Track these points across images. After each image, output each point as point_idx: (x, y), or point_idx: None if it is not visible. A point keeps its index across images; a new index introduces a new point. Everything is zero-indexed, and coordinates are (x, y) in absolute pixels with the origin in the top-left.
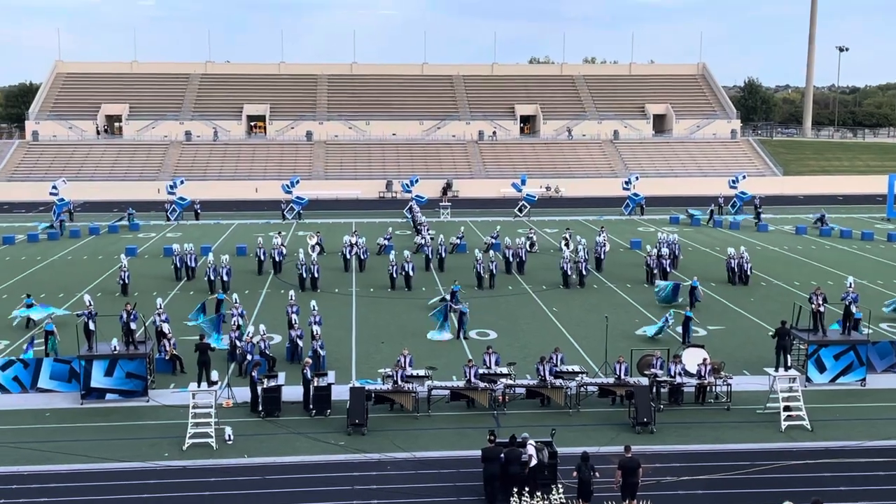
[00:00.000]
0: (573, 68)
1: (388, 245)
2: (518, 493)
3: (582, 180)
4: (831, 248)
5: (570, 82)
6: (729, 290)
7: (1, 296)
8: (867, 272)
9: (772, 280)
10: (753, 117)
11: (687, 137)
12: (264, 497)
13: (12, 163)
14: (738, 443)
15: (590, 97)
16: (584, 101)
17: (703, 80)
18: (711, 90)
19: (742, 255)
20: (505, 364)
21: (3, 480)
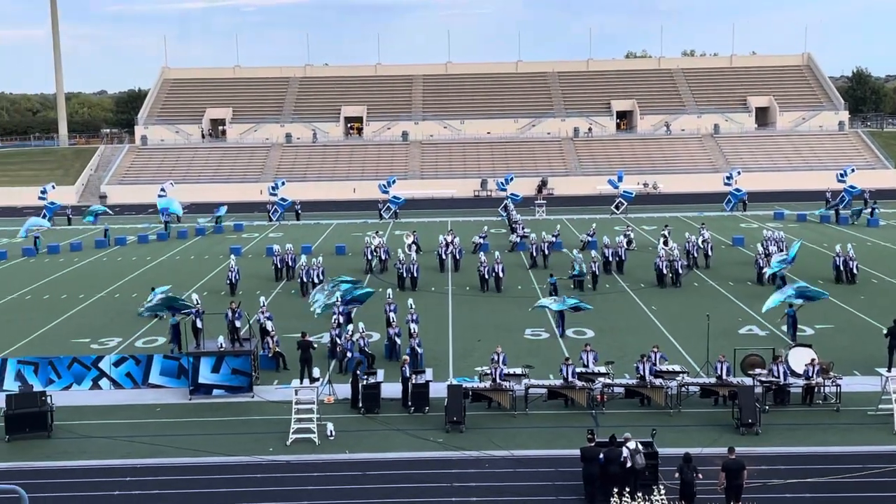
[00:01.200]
0: (671, 62)
1: (484, 244)
2: (618, 494)
3: (681, 176)
4: None
5: (668, 76)
6: (837, 289)
7: (114, 295)
8: None
9: (884, 277)
10: (862, 108)
11: (792, 130)
12: (365, 492)
13: (123, 166)
14: (847, 445)
15: (689, 91)
16: (682, 95)
17: (808, 71)
18: (817, 81)
19: (848, 253)
20: (603, 363)
21: (117, 473)
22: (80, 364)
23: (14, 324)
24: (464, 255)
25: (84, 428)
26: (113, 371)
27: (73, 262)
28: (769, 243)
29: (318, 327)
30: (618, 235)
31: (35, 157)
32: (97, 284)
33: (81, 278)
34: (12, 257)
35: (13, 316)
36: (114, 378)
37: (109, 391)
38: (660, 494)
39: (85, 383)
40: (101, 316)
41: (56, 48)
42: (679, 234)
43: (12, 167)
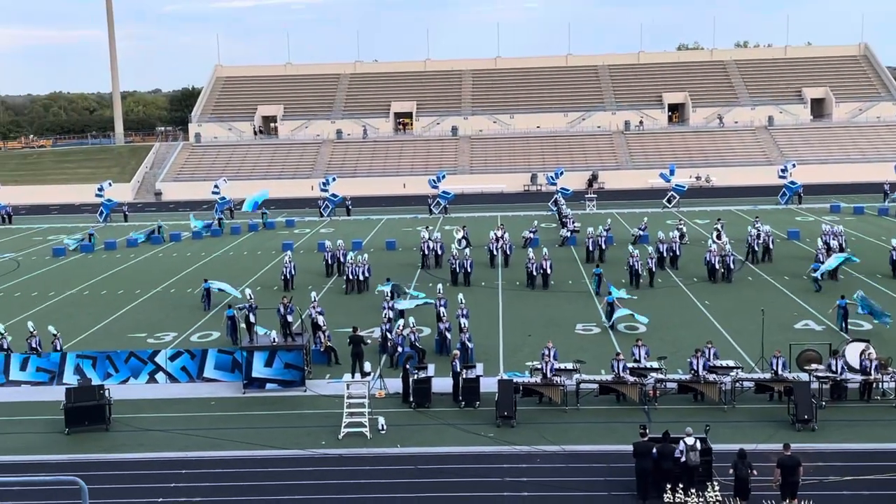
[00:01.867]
0: (724, 53)
1: (534, 238)
2: (672, 490)
3: (734, 169)
4: None
5: (720, 68)
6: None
7: (169, 290)
8: None
9: None
10: None
11: (848, 122)
12: (416, 486)
13: (177, 164)
14: None
15: (742, 83)
16: (735, 87)
17: (865, 61)
18: (875, 71)
19: None
20: (654, 358)
21: (173, 465)
22: (137, 358)
23: (73, 319)
24: (514, 251)
25: (141, 421)
26: (169, 365)
27: (129, 258)
28: (828, 238)
29: (369, 322)
30: (671, 230)
31: (92, 155)
32: (153, 280)
33: (137, 274)
34: (71, 252)
35: (72, 311)
36: (169, 372)
37: (165, 385)
38: (714, 491)
39: (141, 377)
40: (157, 311)
41: (112, 48)
42: (733, 227)
43: (70, 165)
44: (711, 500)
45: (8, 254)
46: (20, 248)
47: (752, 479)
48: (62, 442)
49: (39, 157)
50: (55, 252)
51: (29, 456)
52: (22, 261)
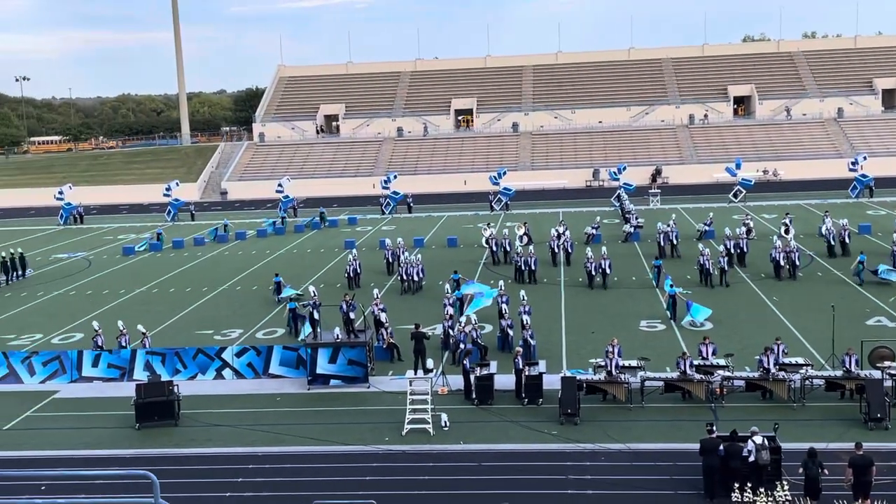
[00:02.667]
0: (791, 44)
1: (596, 234)
2: (740, 489)
3: (802, 162)
4: None
5: (787, 59)
6: None
7: (235, 288)
8: None
9: None
10: None
11: None
12: (480, 483)
13: (242, 163)
14: None
15: (810, 74)
16: (803, 79)
17: None
18: None
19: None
20: (722, 355)
21: (240, 460)
22: (205, 355)
23: (142, 316)
24: (575, 249)
25: (208, 416)
26: (235, 361)
27: (196, 256)
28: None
29: (431, 319)
30: (738, 226)
31: (159, 156)
32: (219, 278)
33: (204, 272)
34: (140, 251)
35: (141, 309)
36: (236, 368)
37: (232, 381)
38: (783, 490)
39: (209, 373)
40: (224, 308)
41: (178, 50)
42: (801, 222)
43: (138, 166)
44: (781, 500)
45: (80, 253)
46: (91, 247)
47: (822, 478)
48: (133, 437)
49: (109, 158)
50: (125, 251)
51: (101, 450)
52: (93, 259)
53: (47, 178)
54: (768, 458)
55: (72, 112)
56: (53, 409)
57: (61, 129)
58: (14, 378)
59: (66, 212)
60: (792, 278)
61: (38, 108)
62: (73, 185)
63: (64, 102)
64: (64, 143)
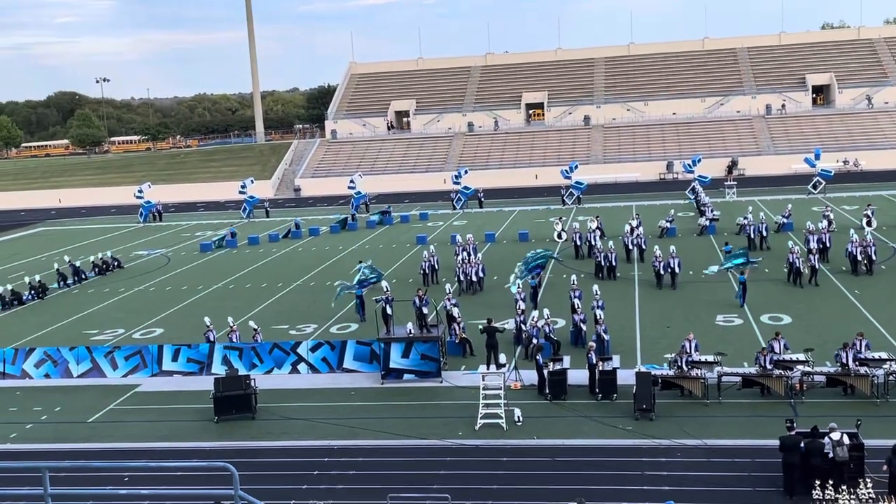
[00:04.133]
0: (872, 31)
1: (671, 228)
2: (821, 487)
3: (885, 152)
4: None
5: (868, 46)
6: None
7: (309, 283)
8: None
9: None
10: None
11: None
12: (554, 478)
13: (315, 160)
14: None
15: (892, 61)
16: (885, 66)
17: None
18: None
19: None
20: (800, 350)
21: (316, 453)
22: (280, 349)
23: (219, 311)
24: (647, 246)
25: (285, 410)
26: (310, 356)
27: (271, 252)
28: None
29: (503, 314)
30: (819, 220)
31: (235, 154)
32: (293, 273)
33: (279, 268)
34: (217, 247)
35: (218, 304)
36: (311, 363)
37: (307, 375)
38: (867, 488)
39: (285, 367)
40: (299, 303)
41: (252, 49)
42: (883, 214)
43: (214, 164)
44: (864, 498)
45: (159, 250)
46: (170, 244)
47: None
48: (212, 429)
49: (186, 156)
50: (202, 248)
51: (180, 443)
52: (172, 256)
53: (127, 176)
54: (846, 455)
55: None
56: (135, 403)
57: (140, 129)
58: (97, 372)
59: (146, 210)
60: (868, 273)
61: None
62: (151, 183)
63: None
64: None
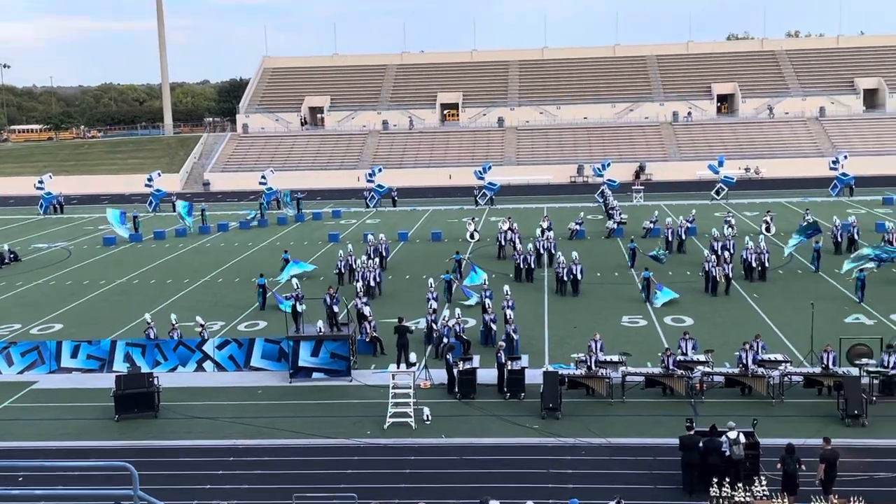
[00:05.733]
0: (775, 43)
1: (580, 230)
2: (718, 484)
3: (784, 160)
4: None
5: (771, 58)
6: None
7: (217, 280)
8: None
9: None
10: None
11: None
12: (461, 476)
13: (224, 154)
14: None
15: (793, 73)
16: (786, 77)
17: None
18: None
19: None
20: (702, 351)
21: (221, 453)
22: (186, 347)
23: (123, 307)
24: (557, 252)
25: (189, 409)
26: (216, 354)
27: (177, 247)
28: (891, 235)
29: (414, 313)
30: (723, 226)
31: (141, 146)
32: (201, 269)
33: (186, 263)
34: (121, 242)
35: (122, 299)
36: (217, 361)
37: (213, 373)
38: (761, 486)
39: (190, 365)
40: (205, 300)
41: (161, 39)
42: (782, 220)
43: (120, 156)
44: (758, 495)
45: (60, 243)
46: (72, 237)
47: (799, 474)
48: (112, 428)
49: (90, 147)
50: (106, 241)
51: (80, 441)
52: (73, 249)
53: (27, 166)
54: (742, 453)
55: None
56: (32, 400)
57: (42, 118)
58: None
59: (46, 201)
60: (762, 280)
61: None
62: (53, 174)
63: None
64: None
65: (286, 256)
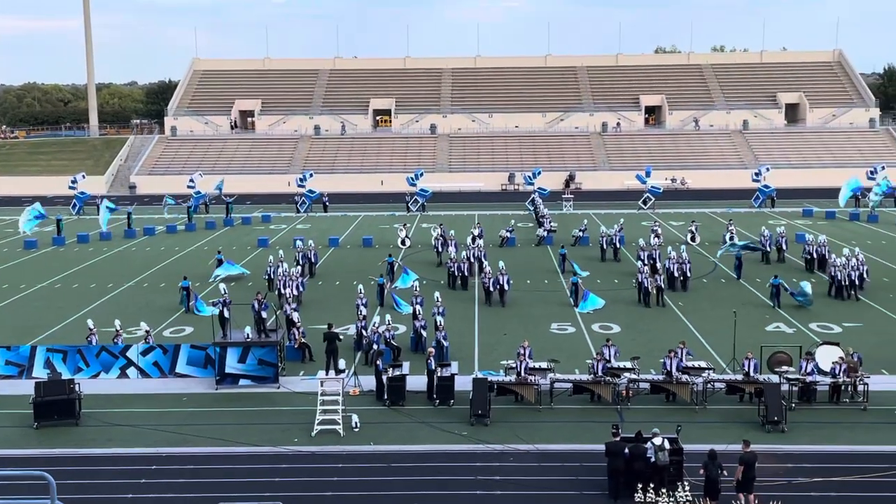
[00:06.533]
0: (701, 57)
1: (511, 237)
2: (642, 490)
3: (709, 172)
4: None
5: (697, 71)
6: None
7: (142, 284)
8: None
9: None
10: (894, 106)
11: (821, 127)
12: (389, 484)
13: (152, 157)
14: (875, 444)
15: (718, 87)
16: (712, 91)
17: (839, 67)
18: (848, 77)
19: (852, 260)
20: (628, 358)
21: (144, 461)
22: (109, 353)
23: (44, 312)
24: (487, 259)
25: (111, 416)
26: (140, 360)
27: (101, 251)
28: (811, 247)
29: (343, 319)
30: (651, 237)
31: (66, 147)
32: (126, 274)
33: (110, 268)
34: (43, 245)
35: (43, 304)
36: (141, 367)
37: (137, 380)
38: (685, 491)
39: (113, 372)
40: (130, 305)
41: (88, 38)
42: (706, 230)
43: (44, 157)
44: (682, 500)
45: None
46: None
47: (722, 479)
48: (31, 436)
49: (12, 147)
50: (27, 244)
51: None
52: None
53: None
54: (667, 459)
55: None
56: None
57: None
58: None
59: None
60: (683, 290)
61: None
62: None
63: None
64: None
65: (220, 257)
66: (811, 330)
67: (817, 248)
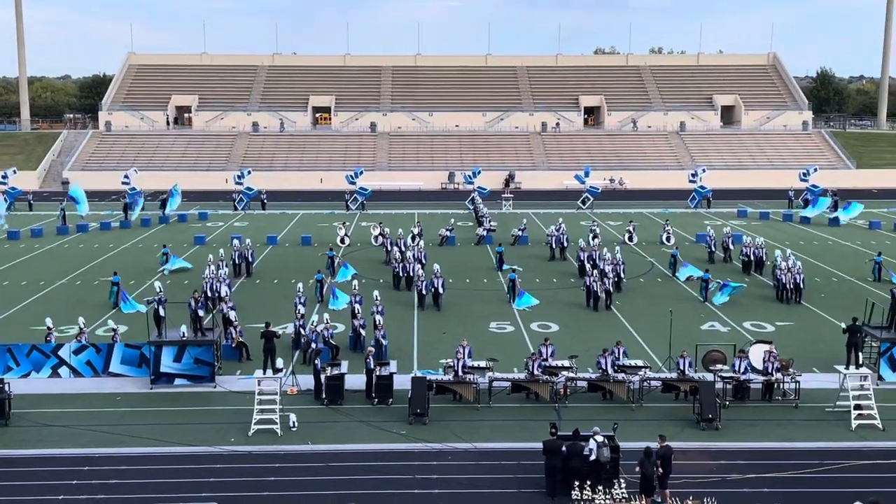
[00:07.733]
0: (639, 59)
1: (450, 236)
2: (580, 487)
3: (647, 172)
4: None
5: (635, 73)
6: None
7: (75, 282)
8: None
9: (844, 276)
10: (826, 109)
11: (756, 129)
12: (327, 483)
13: (86, 152)
14: (806, 441)
15: (656, 88)
16: (649, 93)
17: (773, 71)
18: (782, 81)
19: (792, 267)
20: (564, 357)
21: (76, 462)
22: (40, 352)
23: None
24: (427, 260)
25: (42, 416)
26: (73, 359)
27: (33, 248)
28: (749, 249)
29: (281, 318)
30: (590, 237)
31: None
32: (58, 271)
33: (42, 265)
34: None
35: None
36: (74, 366)
37: (69, 379)
38: (620, 488)
39: (44, 371)
40: (62, 303)
41: (19, 30)
42: (644, 230)
43: None
44: (618, 497)
45: None
46: None
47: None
48: None
49: None
50: None
51: None
52: None
53: None
54: (608, 456)
55: None
56: None
57: None
58: None
59: None
60: (618, 290)
61: None
62: None
63: None
64: None
65: (166, 251)
66: (745, 329)
67: (754, 251)
